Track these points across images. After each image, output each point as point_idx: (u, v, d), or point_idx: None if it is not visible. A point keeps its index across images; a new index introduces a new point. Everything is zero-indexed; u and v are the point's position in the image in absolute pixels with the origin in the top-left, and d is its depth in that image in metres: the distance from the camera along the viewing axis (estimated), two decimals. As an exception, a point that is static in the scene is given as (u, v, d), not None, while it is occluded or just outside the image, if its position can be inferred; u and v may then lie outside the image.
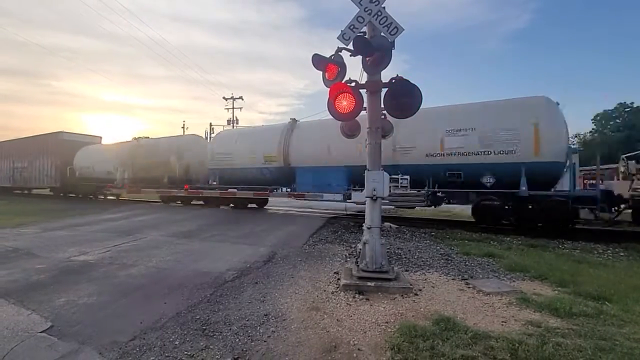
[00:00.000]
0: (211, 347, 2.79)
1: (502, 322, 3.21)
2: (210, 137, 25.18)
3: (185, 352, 2.71)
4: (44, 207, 14.67)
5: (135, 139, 16.73)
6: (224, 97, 36.19)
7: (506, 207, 8.24)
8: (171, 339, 2.93)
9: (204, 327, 3.14)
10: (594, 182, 11.36)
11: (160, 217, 11.01)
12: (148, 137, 16.88)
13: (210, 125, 23.14)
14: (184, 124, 41.60)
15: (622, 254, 6.26)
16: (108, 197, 19.33)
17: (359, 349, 2.73)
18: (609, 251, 6.44)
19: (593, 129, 42.25)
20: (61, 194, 20.32)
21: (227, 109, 35.87)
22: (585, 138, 40.97)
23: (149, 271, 5.00)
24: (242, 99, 36.22)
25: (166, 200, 15.22)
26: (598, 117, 41.80)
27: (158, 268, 5.17)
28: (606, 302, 3.63)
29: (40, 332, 3.08)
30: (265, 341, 2.87)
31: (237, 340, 2.90)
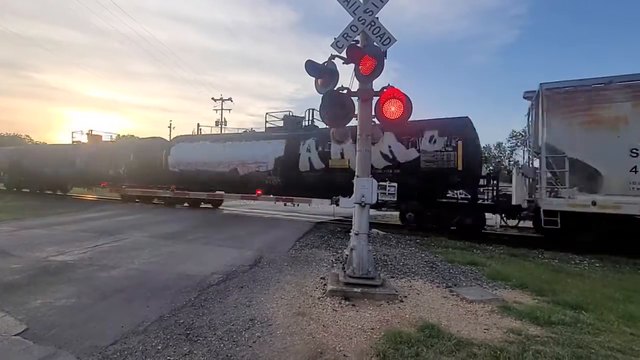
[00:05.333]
0: (195, 352, 2.74)
1: (485, 329, 3.28)
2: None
3: (168, 357, 2.66)
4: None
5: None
6: (212, 98, 35.84)
7: None
8: (153, 344, 2.86)
9: (188, 332, 3.08)
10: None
11: (144, 217, 10.76)
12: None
13: (198, 125, 22.70)
14: (170, 123, 40.79)
15: (597, 264, 6.51)
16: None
17: (344, 355, 2.73)
18: (585, 262, 6.67)
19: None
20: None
21: (216, 109, 35.52)
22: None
23: (131, 273, 4.88)
24: (232, 101, 35.96)
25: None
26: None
27: (141, 270, 5.04)
28: (583, 311, 3.76)
29: (15, 335, 2.96)
30: (250, 346, 2.84)
31: (222, 345, 2.86)
